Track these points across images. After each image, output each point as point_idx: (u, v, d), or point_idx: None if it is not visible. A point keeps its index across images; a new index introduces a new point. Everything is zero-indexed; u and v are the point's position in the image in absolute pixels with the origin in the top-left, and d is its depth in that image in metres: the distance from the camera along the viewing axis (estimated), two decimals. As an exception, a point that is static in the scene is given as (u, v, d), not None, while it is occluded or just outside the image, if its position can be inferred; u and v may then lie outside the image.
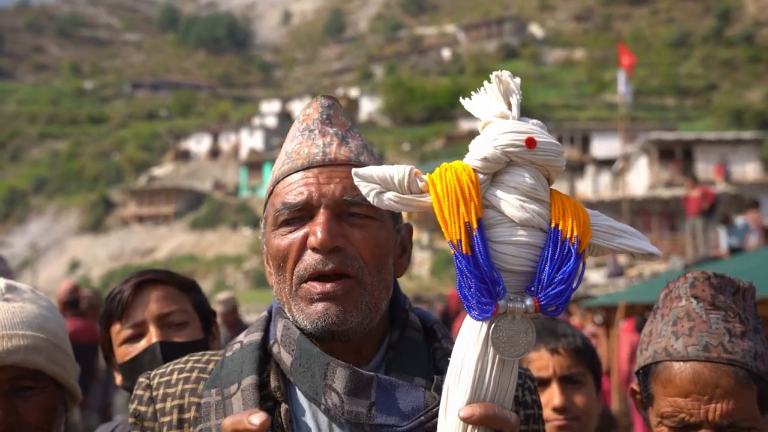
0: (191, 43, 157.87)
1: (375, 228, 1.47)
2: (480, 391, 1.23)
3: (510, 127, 1.26)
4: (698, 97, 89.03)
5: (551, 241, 1.24)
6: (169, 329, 2.19)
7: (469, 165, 1.27)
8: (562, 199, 1.28)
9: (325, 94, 1.61)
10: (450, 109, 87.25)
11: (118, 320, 2.21)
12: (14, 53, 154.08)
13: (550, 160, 1.26)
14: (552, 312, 1.24)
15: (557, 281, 1.22)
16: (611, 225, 1.29)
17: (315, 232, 1.42)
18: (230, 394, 1.45)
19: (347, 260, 1.42)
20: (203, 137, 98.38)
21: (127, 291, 2.21)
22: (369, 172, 1.25)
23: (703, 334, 1.63)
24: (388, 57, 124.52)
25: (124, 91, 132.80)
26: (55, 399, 1.90)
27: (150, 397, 1.51)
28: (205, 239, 76.79)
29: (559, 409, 2.51)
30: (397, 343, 1.51)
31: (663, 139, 42.91)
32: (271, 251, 1.50)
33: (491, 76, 1.33)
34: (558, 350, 2.58)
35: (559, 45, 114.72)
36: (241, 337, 1.57)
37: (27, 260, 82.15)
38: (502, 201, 1.25)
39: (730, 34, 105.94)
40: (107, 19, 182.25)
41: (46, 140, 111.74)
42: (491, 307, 1.20)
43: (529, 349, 1.24)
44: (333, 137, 1.52)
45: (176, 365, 1.55)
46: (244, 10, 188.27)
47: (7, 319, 1.85)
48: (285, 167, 1.51)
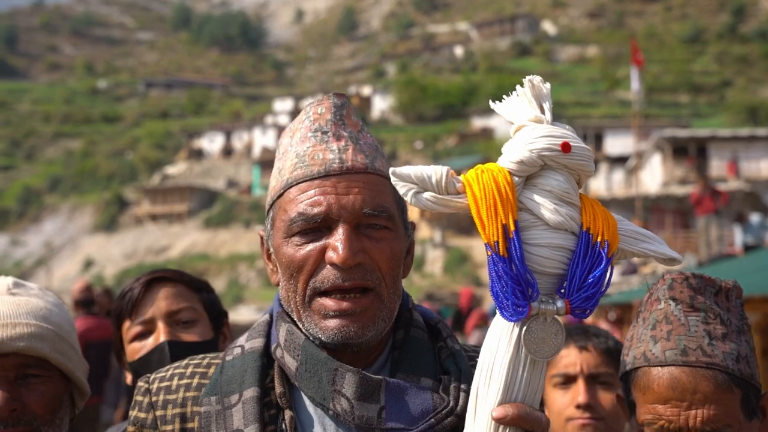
0: (204, 41, 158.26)
1: (391, 239, 1.46)
2: (512, 391, 1.24)
3: (545, 131, 1.27)
4: (712, 94, 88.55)
5: (582, 245, 1.25)
6: (178, 327, 2.20)
7: (505, 167, 1.27)
8: (591, 203, 1.30)
9: (337, 91, 1.57)
10: (462, 107, 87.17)
11: (128, 317, 2.23)
12: (29, 53, 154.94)
13: (583, 165, 1.28)
14: (581, 315, 1.26)
15: (588, 284, 1.24)
16: (635, 230, 1.31)
17: (336, 248, 1.40)
18: (231, 404, 1.43)
19: (366, 274, 1.41)
20: (216, 136, 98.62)
21: (137, 288, 2.23)
22: (407, 172, 1.25)
23: (681, 338, 1.60)
24: (400, 55, 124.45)
25: (137, 90, 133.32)
26: (60, 389, 1.93)
27: (150, 403, 1.48)
28: (218, 238, 76.98)
29: (584, 407, 2.46)
30: (402, 343, 1.51)
31: (677, 136, 42.69)
32: (283, 259, 1.46)
33: (524, 81, 1.32)
34: (587, 348, 2.54)
35: (571, 42, 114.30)
36: (242, 340, 1.54)
37: (41, 259, 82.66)
38: (536, 204, 1.26)
39: (744, 31, 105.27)
40: (121, 19, 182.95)
41: (60, 139, 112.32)
42: (525, 308, 1.21)
43: (559, 350, 1.26)
44: (347, 141, 1.49)
45: (176, 369, 1.52)
46: (257, 8, 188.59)
47: (12, 309, 1.90)
48: (298, 172, 1.47)
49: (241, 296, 59.21)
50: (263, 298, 54.16)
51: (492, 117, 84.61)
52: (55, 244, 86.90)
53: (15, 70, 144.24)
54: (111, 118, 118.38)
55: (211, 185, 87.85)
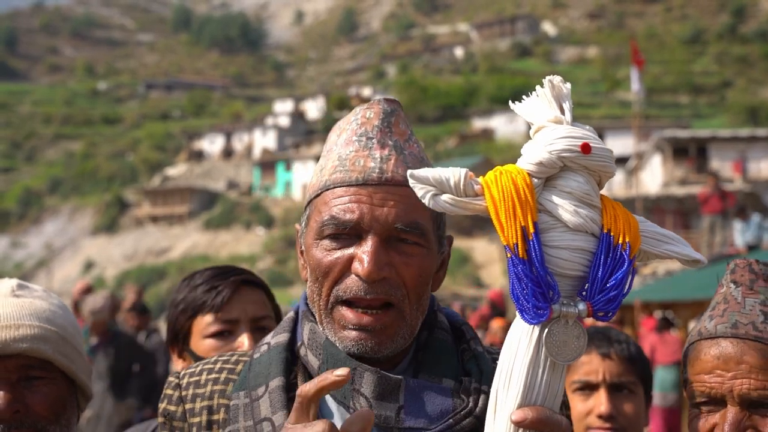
0: (204, 43, 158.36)
1: (421, 256, 1.44)
2: (531, 394, 1.23)
3: (565, 132, 1.27)
4: (712, 95, 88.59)
5: (603, 247, 1.25)
6: (258, 333, 2.21)
7: (524, 169, 1.27)
8: (612, 205, 1.29)
9: (388, 97, 1.55)
10: (463, 108, 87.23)
11: (213, 312, 2.22)
12: (29, 54, 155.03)
13: (604, 166, 1.27)
14: (603, 317, 1.25)
15: (610, 286, 1.23)
16: (657, 231, 1.31)
17: (362, 260, 1.39)
18: (258, 396, 1.45)
19: (391, 290, 1.40)
20: (216, 137, 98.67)
21: (229, 287, 2.23)
22: (425, 174, 1.24)
23: (734, 314, 1.62)
24: (400, 56, 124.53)
25: (137, 92, 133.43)
26: (64, 391, 1.92)
27: (179, 397, 1.51)
28: (218, 239, 77.01)
29: (605, 417, 2.43)
30: (425, 344, 1.51)
31: (677, 136, 42.68)
32: (311, 261, 1.46)
33: (543, 81, 1.32)
34: (610, 355, 2.50)
35: (572, 43, 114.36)
36: (268, 338, 1.56)
37: (42, 260, 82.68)
38: (556, 205, 1.26)
39: (744, 31, 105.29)
40: (121, 20, 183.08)
41: (60, 141, 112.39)
42: (546, 311, 1.21)
43: (581, 354, 1.25)
44: (391, 150, 1.47)
45: (205, 365, 1.55)
46: (257, 9, 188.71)
47: (15, 311, 1.90)
48: (337, 176, 1.46)
49: (242, 297, 59.15)
50: (264, 300, 54.18)
51: (492, 118, 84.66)
52: (55, 245, 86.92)
53: (15, 71, 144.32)
54: (111, 120, 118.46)
55: (211, 186, 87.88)
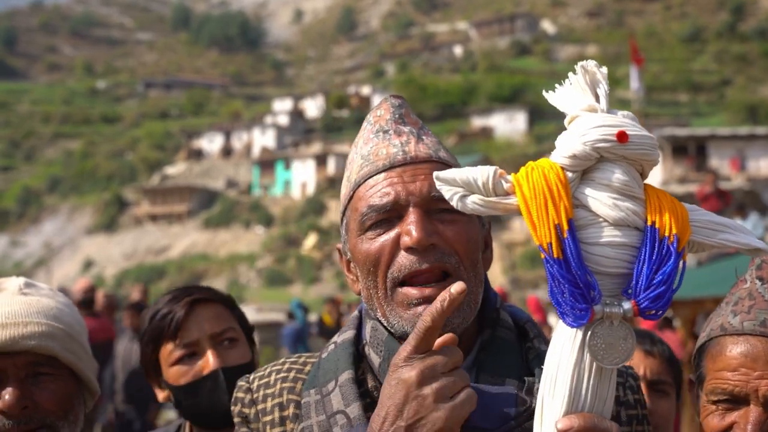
0: (203, 42, 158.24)
1: (464, 223, 1.44)
2: (577, 401, 1.18)
3: (599, 121, 1.20)
4: (712, 93, 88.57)
5: (648, 241, 1.18)
6: (222, 348, 2.20)
7: (557, 163, 1.21)
8: (657, 195, 1.23)
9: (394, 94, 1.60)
10: (462, 106, 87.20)
11: (171, 340, 2.20)
12: (28, 53, 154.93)
13: (644, 154, 1.21)
14: (651, 316, 1.18)
15: (657, 282, 1.17)
16: (712, 219, 1.24)
17: (409, 231, 1.38)
18: (329, 391, 1.45)
19: (444, 257, 1.39)
20: (216, 136, 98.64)
21: (180, 310, 2.20)
22: (451, 175, 1.21)
23: (762, 311, 1.57)
24: (399, 54, 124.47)
25: (136, 91, 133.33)
26: (71, 388, 1.95)
27: (251, 400, 1.53)
28: (218, 238, 77.01)
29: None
30: (488, 343, 1.47)
31: (676, 135, 42.74)
32: (360, 257, 1.45)
33: (576, 67, 1.25)
34: (653, 353, 2.49)
35: (571, 41, 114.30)
36: (335, 338, 1.56)
37: (41, 259, 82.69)
38: (593, 200, 1.19)
39: (743, 29, 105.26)
40: (120, 19, 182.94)
41: (59, 140, 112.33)
42: (587, 312, 1.15)
43: (630, 356, 1.18)
44: (409, 135, 1.50)
45: (274, 367, 1.58)
46: (256, 8, 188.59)
47: (23, 309, 1.92)
48: (364, 170, 1.48)
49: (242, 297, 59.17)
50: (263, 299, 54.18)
51: (491, 116, 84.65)
52: (54, 244, 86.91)
53: (14, 70, 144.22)
54: (110, 119, 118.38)
55: (210, 185, 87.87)
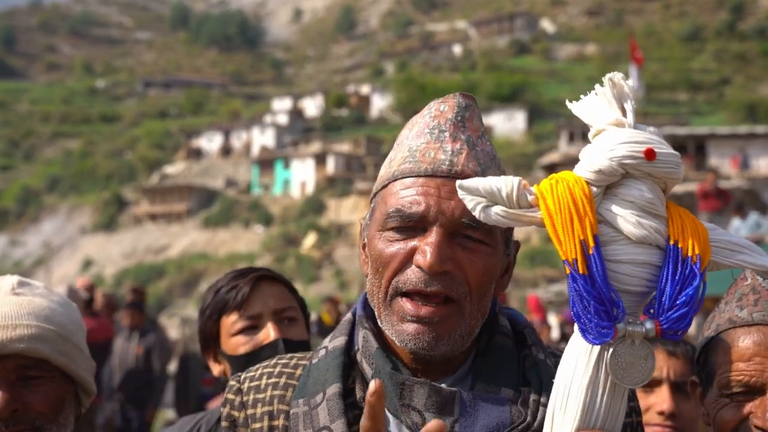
0: (203, 41, 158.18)
1: (486, 254, 1.38)
2: (590, 417, 1.16)
3: (627, 137, 1.18)
4: (711, 92, 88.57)
5: (671, 260, 1.17)
6: (283, 324, 2.30)
7: (582, 177, 1.19)
8: (680, 214, 1.21)
9: (464, 92, 1.51)
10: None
11: (237, 310, 2.30)
12: (27, 53, 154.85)
13: (670, 173, 1.19)
14: (673, 336, 1.17)
15: (680, 303, 1.15)
16: (730, 240, 1.22)
17: (425, 252, 1.34)
18: (316, 404, 1.42)
19: (452, 285, 1.35)
20: (215, 135, 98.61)
21: (247, 285, 2.31)
22: (474, 185, 1.19)
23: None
24: (399, 53, 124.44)
25: (136, 90, 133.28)
26: (63, 390, 1.92)
27: (241, 402, 1.50)
28: (217, 237, 76.99)
29: (667, 414, 2.37)
30: (485, 350, 1.45)
31: (675, 134, 42.71)
32: (373, 252, 1.42)
33: (604, 79, 1.24)
34: (677, 354, 2.45)
35: (570, 40, 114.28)
36: (326, 341, 1.53)
37: (41, 259, 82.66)
38: (617, 216, 1.17)
39: (743, 28, 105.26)
40: (119, 18, 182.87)
41: (59, 139, 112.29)
42: (610, 330, 1.12)
43: (649, 377, 1.17)
44: (463, 144, 1.42)
45: (265, 369, 1.53)
46: (255, 7, 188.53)
47: (14, 310, 1.89)
48: (406, 166, 1.42)
49: (241, 295, 59.15)
50: (263, 298, 54.13)
51: (491, 115, 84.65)
52: (54, 244, 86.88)
53: (13, 70, 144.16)
54: (109, 118, 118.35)
55: (209, 185, 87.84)
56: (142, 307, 9.34)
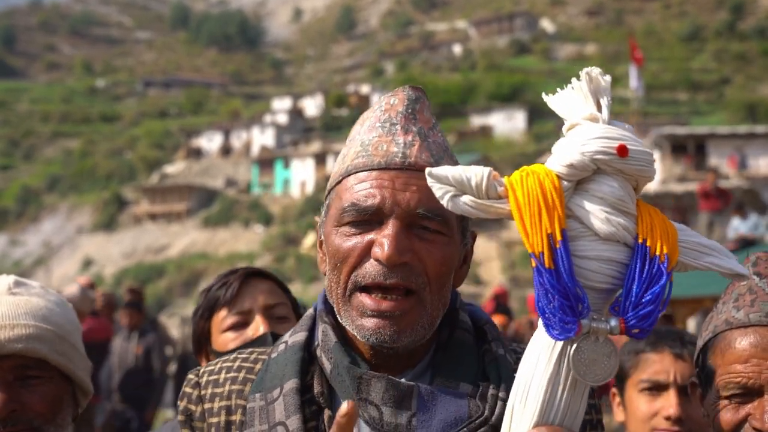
0: (202, 40, 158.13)
1: (444, 244, 1.39)
2: (549, 413, 1.15)
3: (600, 132, 1.17)
4: (711, 92, 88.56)
5: (639, 258, 1.16)
6: (273, 321, 2.30)
7: (553, 170, 1.18)
8: (649, 212, 1.20)
9: (414, 85, 1.50)
10: (461, 105, 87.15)
11: (226, 307, 2.32)
12: (27, 52, 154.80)
13: (642, 171, 1.18)
14: (637, 335, 1.16)
15: (646, 301, 1.14)
16: (699, 242, 1.21)
17: (383, 244, 1.34)
18: (273, 399, 1.41)
19: (411, 276, 1.35)
20: (215, 135, 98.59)
21: (236, 281, 2.33)
22: (444, 173, 1.17)
23: (766, 304, 1.57)
24: (399, 53, 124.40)
25: (136, 90, 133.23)
26: (61, 390, 1.92)
27: (199, 396, 1.48)
28: (217, 236, 76.97)
29: (674, 419, 2.35)
30: (445, 344, 1.45)
31: (675, 133, 42.74)
32: (330, 248, 1.42)
33: (580, 74, 1.23)
34: (683, 356, 2.41)
35: (570, 40, 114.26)
36: (286, 336, 1.52)
37: (40, 258, 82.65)
38: (586, 212, 1.16)
39: (743, 28, 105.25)
40: (119, 18, 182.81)
41: (58, 139, 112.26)
42: (574, 326, 1.12)
43: (612, 374, 1.15)
44: (415, 136, 1.42)
45: (224, 363, 1.52)
46: (255, 7, 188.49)
47: (11, 310, 1.89)
48: (359, 160, 1.42)
49: (241, 295, 59.13)
50: (262, 297, 54.13)
51: (490, 115, 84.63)
52: (54, 243, 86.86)
53: (13, 69, 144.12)
54: (109, 118, 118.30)
55: (209, 184, 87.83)
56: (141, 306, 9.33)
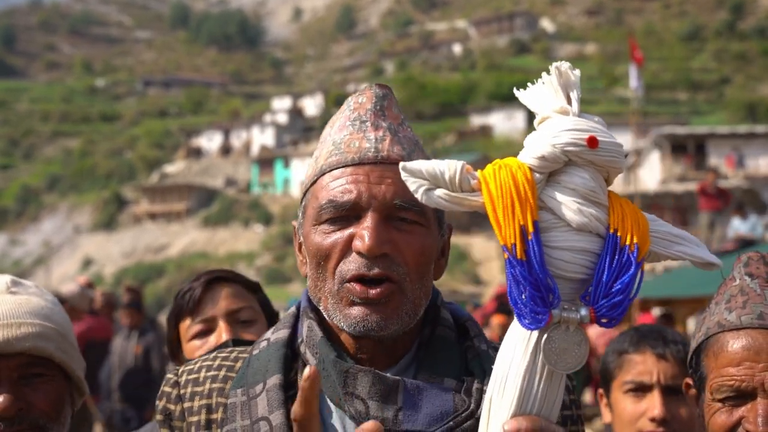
0: (202, 40, 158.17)
1: (422, 234, 1.41)
2: (526, 403, 1.17)
3: (571, 125, 1.19)
4: (711, 91, 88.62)
5: (609, 248, 1.18)
6: (238, 326, 2.24)
7: (525, 163, 1.20)
8: (621, 203, 1.22)
9: (380, 83, 1.55)
10: (461, 105, 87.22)
11: (189, 316, 2.27)
12: (27, 52, 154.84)
13: (612, 161, 1.20)
14: (607, 324, 1.17)
15: (615, 291, 1.16)
16: (669, 231, 1.23)
17: (362, 236, 1.36)
18: (255, 394, 1.42)
19: (392, 266, 1.37)
20: (215, 134, 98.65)
21: (198, 288, 2.27)
22: (418, 167, 1.18)
23: (758, 305, 1.57)
24: (399, 53, 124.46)
25: (135, 89, 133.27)
26: (63, 388, 1.93)
27: (178, 395, 1.48)
28: (217, 236, 77.01)
29: (659, 420, 2.35)
30: (428, 341, 1.46)
31: (675, 133, 42.76)
32: (311, 248, 1.43)
33: (550, 68, 1.25)
34: (666, 356, 2.40)
35: (570, 39, 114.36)
36: (268, 334, 1.52)
37: (40, 258, 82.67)
38: (558, 203, 1.18)
39: (743, 28, 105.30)
40: (119, 17, 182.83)
41: (58, 138, 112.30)
42: (545, 316, 1.14)
43: (582, 362, 1.18)
44: (386, 131, 1.45)
45: (204, 362, 1.51)
46: (255, 6, 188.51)
47: (14, 309, 1.89)
48: (333, 159, 1.44)
49: (240, 295, 59.12)
50: (262, 297, 54.18)
51: (490, 115, 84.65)
52: (53, 243, 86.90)
53: (13, 69, 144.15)
54: (109, 117, 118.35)
55: (209, 184, 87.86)
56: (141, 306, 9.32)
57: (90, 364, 7.12)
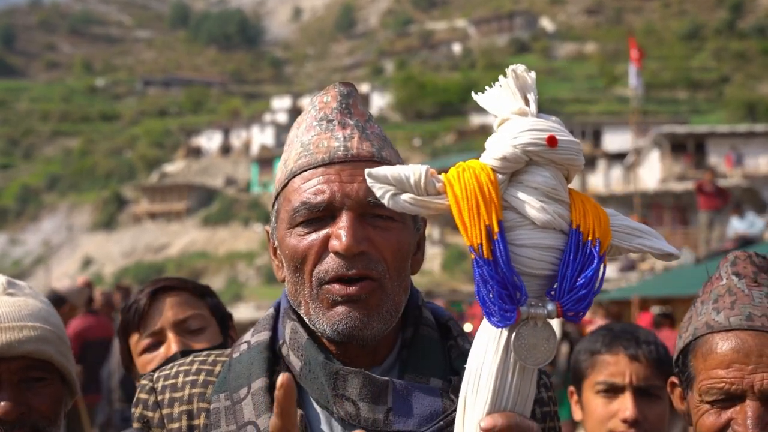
0: (202, 39, 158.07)
1: (398, 230, 1.41)
2: (500, 400, 1.19)
3: (530, 125, 1.22)
4: (710, 90, 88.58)
5: (572, 244, 1.20)
6: (187, 335, 2.18)
7: (487, 164, 1.22)
8: (581, 199, 1.25)
9: (343, 81, 1.53)
10: (461, 104, 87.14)
11: (137, 330, 2.21)
12: (27, 51, 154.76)
13: (571, 159, 1.22)
14: (573, 317, 1.20)
15: (579, 285, 1.18)
16: (629, 225, 1.26)
17: (339, 236, 1.36)
18: (240, 398, 1.40)
19: (371, 264, 1.37)
20: (214, 134, 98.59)
21: (143, 300, 2.20)
22: (383, 173, 1.19)
23: (746, 306, 1.57)
24: (398, 52, 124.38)
25: (135, 89, 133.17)
26: (61, 391, 1.93)
27: (156, 402, 1.45)
28: (217, 236, 76.99)
29: (630, 422, 2.35)
30: (411, 341, 1.46)
31: (675, 132, 42.74)
32: (287, 251, 1.42)
33: (507, 71, 1.28)
34: (638, 357, 2.40)
35: (570, 39, 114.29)
36: (247, 336, 1.50)
37: (40, 257, 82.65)
38: (521, 202, 1.20)
39: (742, 27, 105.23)
40: (118, 17, 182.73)
41: (58, 138, 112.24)
42: (513, 313, 1.15)
43: (551, 356, 1.19)
44: (353, 129, 1.44)
45: (181, 367, 1.48)
46: (255, 6, 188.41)
47: (14, 311, 1.87)
48: (303, 161, 1.43)
49: (240, 294, 59.23)
50: (262, 296, 54.19)
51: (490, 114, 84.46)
52: (53, 242, 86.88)
53: (13, 68, 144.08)
54: (109, 117, 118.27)
55: (209, 183, 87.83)
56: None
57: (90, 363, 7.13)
